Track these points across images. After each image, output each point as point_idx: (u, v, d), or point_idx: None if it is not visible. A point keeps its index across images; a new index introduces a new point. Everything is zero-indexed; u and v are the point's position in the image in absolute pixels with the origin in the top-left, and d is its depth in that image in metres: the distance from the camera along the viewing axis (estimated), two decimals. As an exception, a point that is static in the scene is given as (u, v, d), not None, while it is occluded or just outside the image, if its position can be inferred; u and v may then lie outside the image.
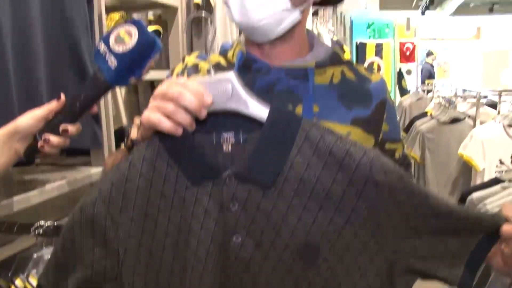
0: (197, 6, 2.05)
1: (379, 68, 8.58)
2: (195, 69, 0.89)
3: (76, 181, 1.32)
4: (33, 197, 1.17)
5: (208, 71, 0.85)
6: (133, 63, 0.79)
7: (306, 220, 0.65)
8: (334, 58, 0.86)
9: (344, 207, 0.64)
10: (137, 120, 0.72)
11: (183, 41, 2.01)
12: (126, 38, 0.77)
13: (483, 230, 0.65)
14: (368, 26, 9.19)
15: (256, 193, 0.65)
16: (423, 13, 8.00)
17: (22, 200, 1.13)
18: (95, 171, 1.42)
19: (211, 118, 0.66)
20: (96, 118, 1.37)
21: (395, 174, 0.64)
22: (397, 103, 6.05)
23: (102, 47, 0.79)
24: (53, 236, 1.12)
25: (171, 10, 1.97)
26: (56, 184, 1.25)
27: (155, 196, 0.67)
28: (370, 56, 8.65)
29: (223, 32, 2.22)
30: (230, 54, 0.89)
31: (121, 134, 1.69)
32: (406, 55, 9.84)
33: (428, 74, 8.82)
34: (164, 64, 2.15)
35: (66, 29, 1.22)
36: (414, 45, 9.86)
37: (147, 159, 0.67)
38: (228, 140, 0.68)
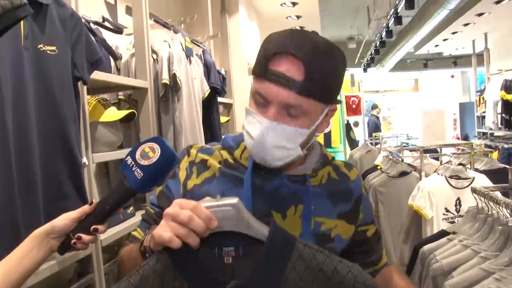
0: (165, 85, 2.21)
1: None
2: (204, 164, 1.01)
3: (64, 261, 1.40)
4: (29, 279, 1.23)
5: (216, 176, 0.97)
6: (157, 174, 0.92)
7: None
8: (324, 161, 1.04)
9: None
10: (152, 231, 0.81)
11: (153, 118, 2.13)
12: (150, 153, 0.91)
13: None
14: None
15: None
16: (365, 71, 8.55)
17: (19, 284, 1.19)
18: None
19: (214, 235, 0.75)
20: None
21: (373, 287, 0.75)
22: (348, 155, 6.32)
23: (129, 160, 0.92)
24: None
25: (142, 91, 2.12)
26: (48, 265, 1.32)
27: None
28: (319, 111, 8.98)
29: (188, 108, 2.38)
30: (237, 153, 1.01)
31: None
32: (353, 108, 10.30)
33: (375, 126, 9.27)
34: (135, 140, 2.26)
35: (57, 121, 1.33)
36: (359, 98, 10.39)
37: (157, 272, 0.75)
38: (229, 253, 0.77)
